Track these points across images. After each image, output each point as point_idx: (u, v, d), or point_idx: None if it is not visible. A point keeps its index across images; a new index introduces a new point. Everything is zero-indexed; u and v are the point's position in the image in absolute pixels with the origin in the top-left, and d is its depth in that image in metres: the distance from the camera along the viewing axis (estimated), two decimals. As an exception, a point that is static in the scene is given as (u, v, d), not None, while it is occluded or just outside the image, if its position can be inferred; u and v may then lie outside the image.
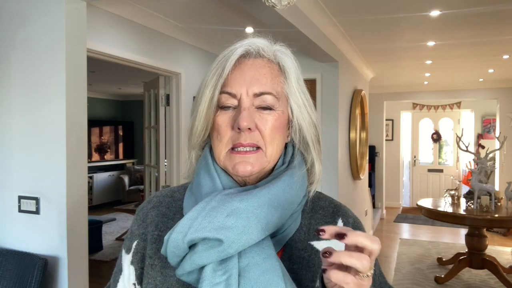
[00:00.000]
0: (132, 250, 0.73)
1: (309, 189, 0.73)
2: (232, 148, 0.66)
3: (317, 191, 0.77)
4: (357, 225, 0.76)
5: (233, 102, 0.66)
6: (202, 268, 0.60)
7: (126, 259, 0.74)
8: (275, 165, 0.70)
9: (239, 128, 0.64)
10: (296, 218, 0.69)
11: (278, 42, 0.72)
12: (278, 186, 0.64)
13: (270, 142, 0.67)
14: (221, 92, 0.67)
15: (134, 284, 0.72)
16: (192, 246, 0.60)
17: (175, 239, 0.60)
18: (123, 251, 0.75)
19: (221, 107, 0.67)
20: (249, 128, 0.65)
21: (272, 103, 0.67)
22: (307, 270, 0.67)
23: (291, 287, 0.60)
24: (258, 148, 0.66)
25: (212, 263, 0.59)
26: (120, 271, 0.74)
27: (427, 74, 5.86)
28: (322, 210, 0.74)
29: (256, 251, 0.61)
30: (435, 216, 4.11)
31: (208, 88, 0.67)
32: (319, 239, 0.69)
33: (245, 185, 0.69)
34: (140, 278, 0.71)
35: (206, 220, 0.59)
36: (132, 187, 8.18)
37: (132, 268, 0.72)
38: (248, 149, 0.65)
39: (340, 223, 0.73)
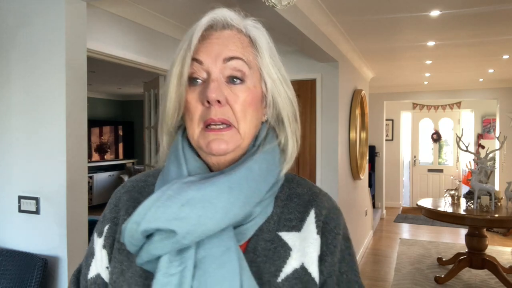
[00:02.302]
0: (104, 234, 0.72)
1: (280, 168, 0.68)
2: (205, 126, 0.63)
3: (298, 176, 0.74)
4: (331, 217, 0.69)
5: (201, 74, 0.63)
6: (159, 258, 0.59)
7: (98, 243, 0.72)
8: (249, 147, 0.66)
9: (208, 102, 0.61)
10: (266, 206, 0.65)
11: (249, 17, 0.69)
12: (241, 172, 0.60)
13: (243, 118, 0.63)
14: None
15: (107, 267, 0.70)
16: (149, 236, 0.59)
17: (130, 229, 0.59)
18: (95, 235, 0.73)
19: (189, 80, 0.63)
20: (219, 101, 0.61)
21: (243, 70, 0.64)
22: (271, 264, 0.63)
23: (247, 282, 0.57)
24: (230, 125, 0.63)
25: (168, 254, 0.58)
26: (92, 254, 0.73)
27: (427, 74, 5.86)
28: (298, 198, 0.69)
29: (215, 242, 0.58)
30: (435, 216, 4.11)
31: (176, 64, 0.64)
32: (288, 229, 0.66)
33: (218, 169, 0.65)
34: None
35: (160, 211, 0.57)
36: (132, 187, 8.18)
37: (104, 252, 0.71)
38: (221, 126, 0.62)
39: (312, 213, 0.67)
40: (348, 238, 0.70)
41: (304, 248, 0.65)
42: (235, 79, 0.63)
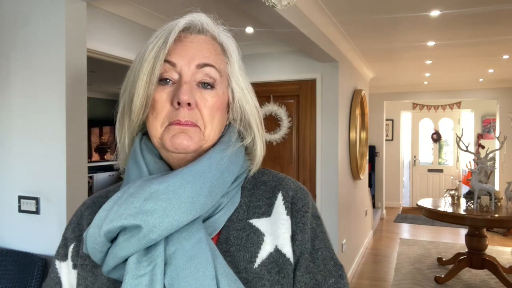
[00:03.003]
0: (70, 254, 0.70)
1: (249, 169, 0.70)
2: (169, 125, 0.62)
3: (262, 168, 0.74)
4: (298, 197, 0.69)
5: (172, 75, 0.63)
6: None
7: (64, 267, 0.70)
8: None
9: (178, 103, 0.61)
10: (233, 196, 0.65)
11: (220, 25, 0.70)
12: (202, 162, 0.61)
13: (210, 122, 0.64)
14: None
15: None
16: (114, 239, 0.57)
17: (92, 234, 0.57)
18: (56, 262, 0.71)
19: (159, 80, 0.63)
20: (189, 104, 0.61)
21: (215, 77, 0.64)
22: (245, 251, 0.62)
23: (222, 270, 0.56)
24: (196, 126, 0.63)
25: (136, 254, 0.56)
26: (58, 284, 0.70)
27: (427, 74, 5.86)
28: (264, 185, 0.70)
29: (185, 236, 0.57)
30: (435, 216, 4.11)
31: (148, 61, 0.62)
32: (258, 216, 0.66)
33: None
34: None
35: (122, 208, 0.55)
36: (132, 187, 8.17)
37: (74, 273, 0.69)
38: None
39: (280, 196, 0.68)
40: (318, 217, 0.70)
41: (276, 230, 0.65)
42: (206, 84, 0.64)
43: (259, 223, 0.65)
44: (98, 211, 0.65)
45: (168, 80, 0.63)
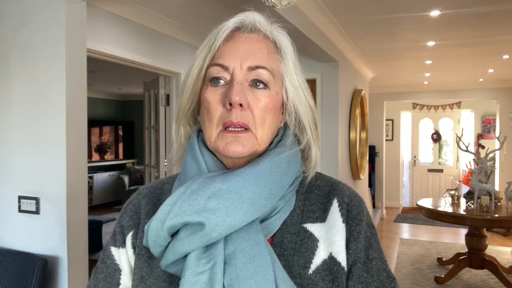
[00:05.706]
0: (129, 241, 0.70)
1: (306, 174, 0.69)
2: (224, 129, 0.62)
3: (316, 172, 0.72)
4: (353, 204, 0.68)
5: (225, 75, 0.63)
6: (186, 257, 0.57)
7: (122, 253, 0.70)
8: (267, 149, 0.66)
9: (230, 104, 0.60)
10: (289, 199, 0.65)
11: (274, 22, 0.69)
12: (264, 164, 0.60)
13: (261, 124, 0.63)
14: (213, 64, 0.63)
15: None
16: (174, 234, 0.58)
17: (155, 227, 0.58)
18: (113, 249, 0.71)
19: (211, 79, 0.63)
20: (241, 105, 0.60)
21: (267, 79, 0.63)
22: (299, 256, 0.62)
23: (281, 275, 0.56)
24: (248, 129, 0.62)
25: (196, 251, 0.56)
26: (116, 271, 0.70)
27: (427, 74, 5.86)
28: (318, 190, 0.69)
29: (244, 237, 0.57)
30: (435, 216, 4.11)
31: (198, 60, 0.64)
32: (312, 221, 0.65)
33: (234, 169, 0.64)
34: None
35: (186, 204, 0.56)
36: (132, 187, 8.18)
37: (133, 260, 0.69)
38: (239, 129, 0.61)
39: (335, 202, 0.67)
40: (373, 226, 0.70)
41: (331, 237, 0.64)
42: (258, 83, 0.63)
43: (313, 228, 0.65)
44: (156, 203, 0.68)
45: (220, 80, 0.63)
